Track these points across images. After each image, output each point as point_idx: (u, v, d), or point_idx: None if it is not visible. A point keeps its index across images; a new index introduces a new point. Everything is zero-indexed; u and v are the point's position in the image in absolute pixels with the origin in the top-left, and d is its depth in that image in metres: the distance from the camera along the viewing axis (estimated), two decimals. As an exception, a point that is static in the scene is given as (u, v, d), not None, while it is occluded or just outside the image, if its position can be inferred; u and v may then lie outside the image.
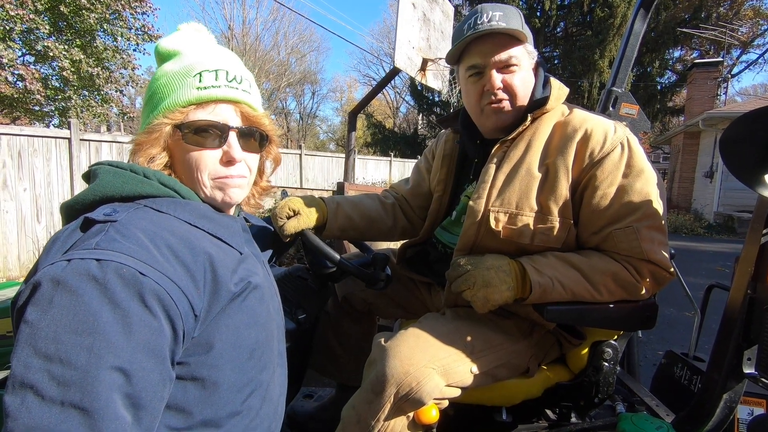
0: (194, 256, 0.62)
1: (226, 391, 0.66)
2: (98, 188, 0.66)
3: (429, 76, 4.89)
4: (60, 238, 0.60)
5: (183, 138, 0.71)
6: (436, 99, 16.85)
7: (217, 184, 0.74)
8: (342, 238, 1.39)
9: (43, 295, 0.52)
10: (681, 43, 16.06)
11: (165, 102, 0.71)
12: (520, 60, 1.09)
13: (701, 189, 12.48)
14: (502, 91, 1.10)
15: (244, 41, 23.07)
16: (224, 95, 0.72)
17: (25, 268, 4.80)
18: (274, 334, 0.78)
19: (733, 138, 0.93)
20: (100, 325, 0.51)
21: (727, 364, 1.02)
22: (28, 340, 0.50)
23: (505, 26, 1.05)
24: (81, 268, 0.53)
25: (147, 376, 0.54)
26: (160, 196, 0.68)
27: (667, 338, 3.34)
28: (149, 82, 0.77)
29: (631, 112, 1.88)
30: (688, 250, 7.92)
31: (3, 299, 1.45)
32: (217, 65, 0.73)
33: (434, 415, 1.00)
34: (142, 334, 0.54)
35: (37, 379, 0.48)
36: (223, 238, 0.71)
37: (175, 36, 0.77)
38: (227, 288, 0.65)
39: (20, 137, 4.66)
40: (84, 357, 0.50)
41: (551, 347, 1.19)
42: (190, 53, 0.75)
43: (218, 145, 0.73)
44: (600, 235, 1.05)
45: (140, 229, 0.60)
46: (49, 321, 0.50)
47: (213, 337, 0.64)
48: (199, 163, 0.72)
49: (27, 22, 7.38)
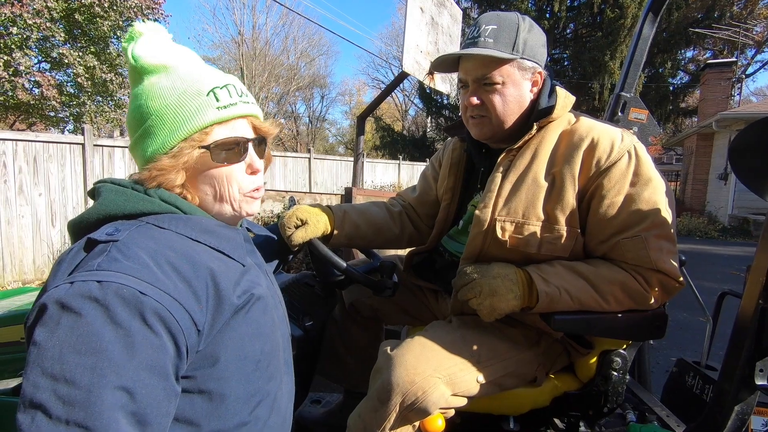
0: (196, 271, 0.63)
1: (234, 402, 0.67)
2: (101, 207, 0.67)
3: (437, 79, 4.89)
4: (65, 259, 0.62)
5: (212, 157, 0.72)
6: (444, 102, 16.84)
7: (246, 197, 0.77)
8: (349, 246, 1.39)
9: (49, 317, 0.54)
10: (693, 43, 15.82)
11: (187, 125, 0.70)
12: (506, 77, 1.08)
13: (715, 191, 12.27)
14: (479, 108, 1.11)
15: (254, 46, 23.29)
16: (242, 112, 0.74)
17: (40, 271, 4.89)
18: (279, 343, 0.78)
19: (743, 146, 0.92)
20: (103, 345, 0.53)
21: (739, 375, 1.00)
22: (36, 361, 0.52)
23: (483, 51, 1.05)
24: (83, 290, 0.55)
25: (151, 393, 0.55)
26: (162, 212, 0.69)
27: (680, 343, 3.29)
28: (143, 99, 0.71)
29: (641, 117, 1.86)
30: (702, 253, 7.79)
31: (18, 305, 1.48)
32: (224, 80, 0.74)
33: (440, 425, 1.00)
34: (145, 353, 0.55)
35: (45, 398, 0.50)
36: (225, 251, 0.71)
37: (148, 45, 0.73)
38: (230, 301, 0.66)
39: (35, 143, 4.76)
40: (87, 377, 0.51)
41: (559, 356, 1.18)
42: (181, 67, 0.74)
43: (240, 159, 0.75)
44: (608, 244, 1.04)
45: (141, 247, 0.61)
46: (55, 342, 0.52)
47: (218, 350, 0.64)
48: (230, 179, 0.74)
49: (43, 30, 7.54)
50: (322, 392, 1.73)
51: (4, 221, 4.57)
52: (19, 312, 1.35)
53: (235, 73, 23.54)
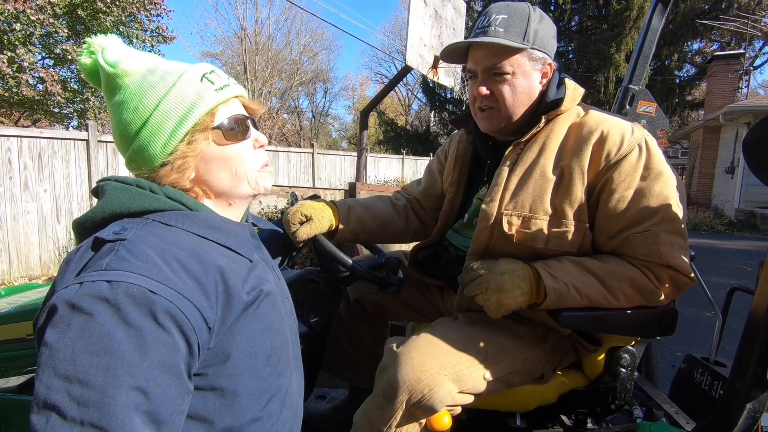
0: (204, 269, 0.63)
1: (246, 398, 0.67)
2: (107, 205, 0.67)
3: (441, 73, 4.86)
4: (73, 259, 0.61)
5: (224, 137, 0.73)
6: (448, 96, 16.75)
7: (260, 173, 0.78)
8: (354, 241, 1.38)
9: (60, 318, 0.53)
10: (700, 35, 15.62)
11: (196, 110, 0.70)
12: (516, 68, 1.07)
13: (722, 185, 12.16)
14: (488, 99, 1.09)
15: (256, 41, 23.21)
16: (236, 92, 0.76)
17: (46, 267, 4.92)
18: (288, 338, 0.79)
19: (757, 139, 0.89)
20: (115, 345, 0.52)
21: (751, 372, 0.98)
22: (48, 362, 0.52)
23: (494, 40, 1.03)
24: (93, 290, 0.54)
25: (165, 392, 0.55)
26: (167, 209, 0.69)
27: (687, 339, 3.27)
28: (136, 100, 0.70)
29: (649, 110, 1.84)
30: (708, 248, 7.73)
31: (24, 301, 1.48)
32: (206, 68, 0.76)
33: (447, 422, 0.99)
34: (157, 352, 0.55)
35: (59, 399, 0.50)
36: (232, 247, 0.71)
37: (119, 50, 0.71)
38: (239, 298, 0.65)
39: (40, 139, 4.77)
40: (101, 377, 0.51)
41: (566, 353, 1.17)
42: (160, 62, 0.74)
43: (247, 135, 0.77)
44: (617, 240, 1.02)
45: (149, 245, 0.61)
46: (67, 343, 0.52)
47: (229, 347, 0.64)
48: (242, 156, 0.75)
49: (46, 26, 7.55)
50: (327, 388, 1.73)
51: (10, 217, 4.59)
52: (25, 309, 1.35)
53: (238, 69, 23.32)
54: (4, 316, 1.31)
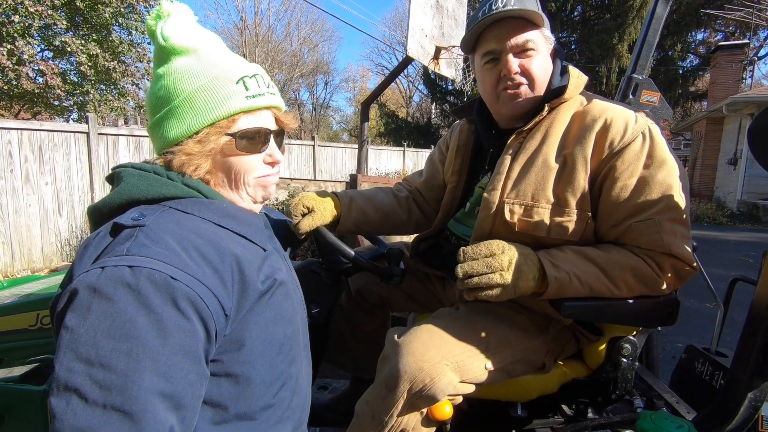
0: (221, 257, 0.63)
1: (259, 385, 0.68)
2: (124, 191, 0.67)
3: (442, 64, 4.82)
4: (92, 243, 0.62)
5: (236, 145, 0.72)
6: (449, 87, 16.66)
7: (260, 182, 0.78)
8: (356, 232, 1.38)
9: (81, 302, 0.54)
10: (704, 24, 15.46)
11: (217, 111, 0.70)
12: (537, 44, 1.06)
13: (724, 176, 12.11)
14: (520, 76, 1.06)
15: (256, 32, 23.08)
16: (269, 103, 0.75)
17: (48, 260, 4.94)
18: (299, 327, 0.80)
19: (763, 126, 0.89)
20: (137, 330, 0.53)
21: (753, 362, 0.98)
22: (70, 345, 0.52)
23: (520, 9, 1.01)
24: (115, 275, 0.55)
25: (185, 377, 0.56)
26: (184, 197, 0.69)
27: (687, 330, 3.28)
28: (170, 79, 0.71)
29: (653, 100, 1.82)
30: (710, 239, 7.72)
31: (26, 293, 1.49)
32: (252, 70, 0.75)
33: (448, 411, 0.99)
34: (178, 338, 0.55)
35: (80, 382, 0.51)
36: (248, 235, 0.72)
37: (178, 26, 0.72)
38: (255, 286, 0.66)
39: (40, 132, 4.77)
40: (123, 362, 0.52)
41: (568, 343, 1.17)
42: (211, 52, 0.73)
43: (261, 149, 0.76)
44: (619, 228, 1.02)
45: (168, 232, 0.61)
46: (88, 327, 0.52)
47: (244, 334, 0.65)
48: (248, 167, 0.75)
49: (45, 18, 7.48)
50: (329, 378, 1.74)
51: (12, 210, 4.60)
52: (28, 300, 1.35)
53: (238, 60, 23.68)
54: (7, 307, 1.32)
